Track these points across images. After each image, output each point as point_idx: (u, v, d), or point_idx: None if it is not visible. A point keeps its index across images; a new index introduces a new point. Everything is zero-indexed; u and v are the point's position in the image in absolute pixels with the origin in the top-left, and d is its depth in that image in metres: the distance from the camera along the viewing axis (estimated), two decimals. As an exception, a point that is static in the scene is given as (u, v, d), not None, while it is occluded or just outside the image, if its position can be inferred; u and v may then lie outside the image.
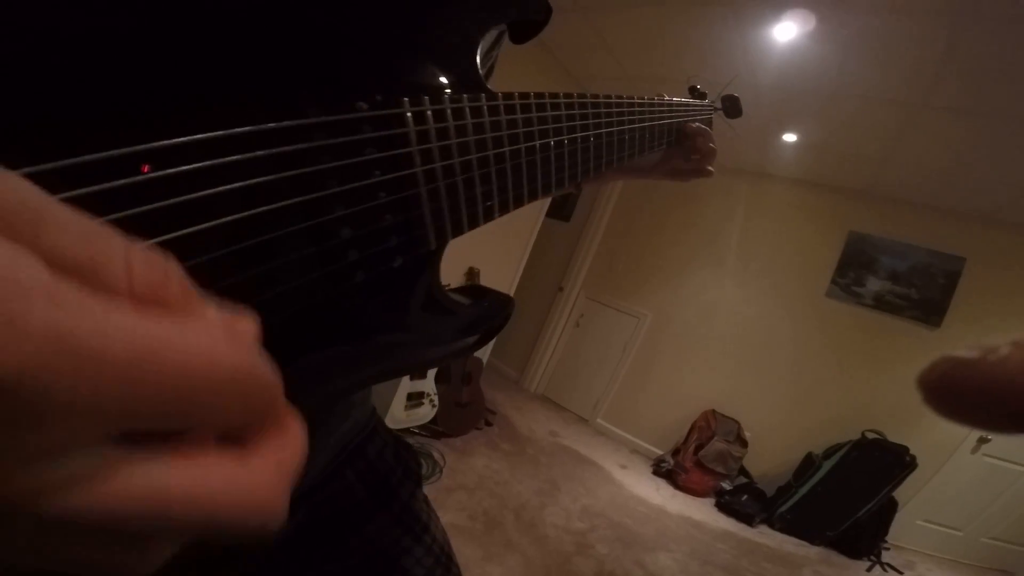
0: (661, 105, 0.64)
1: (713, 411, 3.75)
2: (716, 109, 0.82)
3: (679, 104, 0.69)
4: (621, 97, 0.53)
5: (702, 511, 3.19)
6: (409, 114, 0.29)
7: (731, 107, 0.85)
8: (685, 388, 3.93)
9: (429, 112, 0.30)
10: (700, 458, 3.48)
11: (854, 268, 3.70)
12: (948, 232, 3.41)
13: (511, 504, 2.54)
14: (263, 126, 0.23)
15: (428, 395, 2.74)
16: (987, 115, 2.35)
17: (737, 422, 3.69)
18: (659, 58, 2.81)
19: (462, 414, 3.02)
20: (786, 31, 2.27)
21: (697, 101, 0.74)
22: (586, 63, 3.13)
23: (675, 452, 3.69)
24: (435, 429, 2.86)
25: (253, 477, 0.14)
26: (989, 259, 3.29)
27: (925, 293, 3.47)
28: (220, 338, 0.13)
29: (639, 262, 4.31)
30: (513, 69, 3.02)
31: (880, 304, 3.57)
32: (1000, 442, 3.16)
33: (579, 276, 4.47)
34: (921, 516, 3.28)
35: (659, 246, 4.26)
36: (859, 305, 3.64)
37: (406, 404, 2.63)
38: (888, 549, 3.12)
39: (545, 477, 2.94)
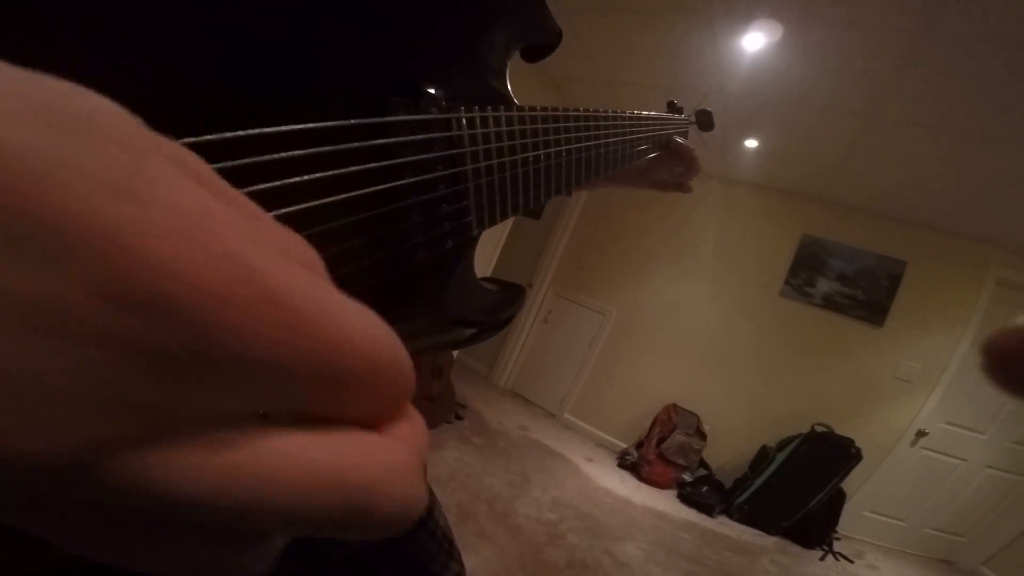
0: (648, 119, 0.68)
1: (674, 405, 3.87)
2: (691, 123, 0.88)
3: (661, 118, 0.73)
4: (616, 111, 0.58)
5: (665, 502, 3.30)
6: (464, 120, 0.33)
7: (704, 121, 0.92)
8: (648, 383, 4.05)
9: (478, 120, 0.34)
10: (662, 451, 3.59)
11: (806, 270, 3.90)
12: (892, 238, 3.64)
13: (483, 496, 2.57)
14: (364, 120, 0.27)
15: (400, 388, 2.73)
16: (935, 128, 2.51)
17: (697, 416, 3.83)
18: (634, 63, 2.89)
19: (432, 408, 3.02)
20: (755, 41, 2.38)
21: (676, 116, 0.79)
22: (564, 64, 3.18)
23: (639, 445, 3.80)
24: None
25: (398, 457, 0.13)
26: (928, 264, 3.53)
27: (870, 294, 3.69)
28: (374, 321, 0.13)
29: (606, 260, 4.41)
30: None
31: (829, 304, 3.78)
32: (937, 435, 3.41)
33: (548, 273, 4.53)
34: (868, 507, 3.48)
35: (625, 244, 4.36)
36: (810, 305, 3.83)
37: (378, 397, 2.62)
38: (839, 539, 3.31)
39: (516, 470, 2.98)
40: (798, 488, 3.28)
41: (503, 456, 3.10)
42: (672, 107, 0.85)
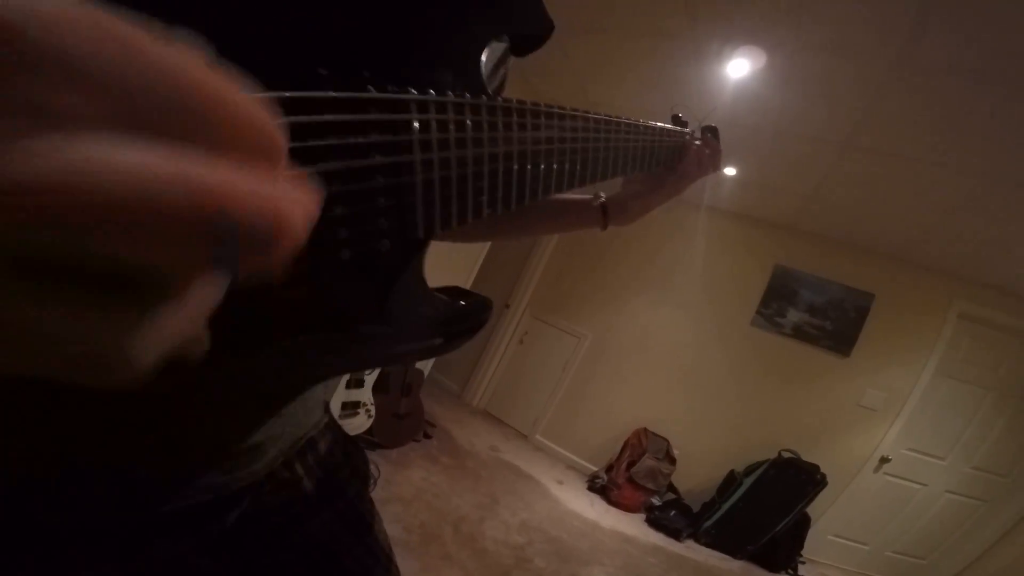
0: (655, 129, 0.67)
1: (645, 429, 3.88)
2: (696, 140, 0.86)
3: (670, 130, 0.72)
4: (620, 117, 0.55)
5: (633, 526, 3.28)
6: (414, 103, 0.29)
7: (711, 137, 0.88)
8: (619, 407, 4.05)
9: (433, 104, 0.30)
10: (632, 475, 3.58)
11: (777, 300, 3.97)
12: (861, 270, 3.74)
13: (450, 517, 2.52)
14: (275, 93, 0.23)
15: (364, 405, 2.68)
16: (904, 158, 2.59)
17: (667, 440, 3.83)
18: (621, 85, 2.93)
19: (400, 425, 2.97)
20: (739, 68, 2.44)
21: (682, 129, 0.77)
22: (552, 83, 3.21)
23: (608, 468, 3.78)
24: (370, 440, 2.79)
25: (270, 187, 0.13)
26: (894, 296, 3.63)
27: (838, 325, 3.77)
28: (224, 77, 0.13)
29: (583, 284, 4.43)
30: None
31: (798, 334, 3.85)
32: (899, 461, 3.47)
33: (526, 294, 4.53)
34: (832, 531, 3.52)
35: (603, 269, 4.40)
36: (780, 334, 3.90)
37: (341, 413, 2.56)
38: (804, 563, 3.33)
39: (485, 491, 2.93)
40: (764, 512, 3.30)
41: (472, 477, 3.05)
42: (677, 121, 0.82)
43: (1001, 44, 1.75)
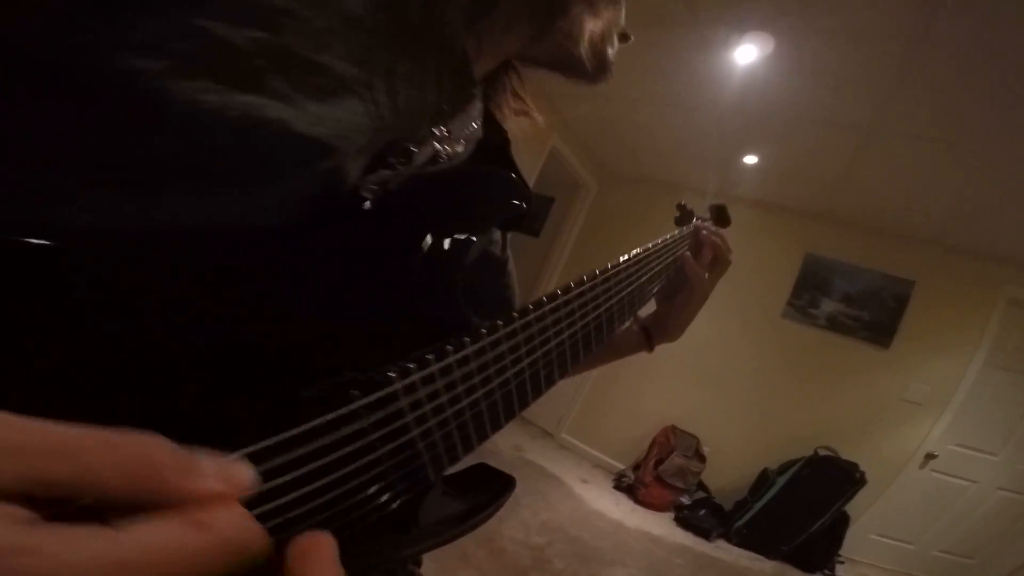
0: (662, 246, 0.65)
1: (673, 427, 3.80)
2: (703, 225, 0.82)
3: (676, 238, 0.70)
4: (606, 271, 0.52)
5: (660, 526, 3.21)
6: (401, 390, 0.30)
7: (719, 216, 0.86)
8: (647, 404, 3.98)
9: (419, 381, 0.31)
10: (660, 473, 3.51)
11: (809, 290, 3.83)
12: (899, 256, 3.56)
13: (469, 517, 2.52)
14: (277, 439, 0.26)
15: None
16: (937, 140, 2.47)
17: (696, 438, 3.75)
18: (627, 78, 2.88)
19: (423, 426, 2.99)
20: (747, 54, 2.36)
21: (675, 235, 0.72)
22: (556, 80, 3.18)
23: (636, 467, 3.72)
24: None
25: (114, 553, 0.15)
26: (937, 283, 3.44)
27: (875, 315, 3.60)
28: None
29: (606, 279, 4.36)
30: None
31: (833, 325, 3.70)
32: (946, 457, 3.29)
33: (546, 291, 4.48)
34: (874, 530, 3.36)
35: (626, 265, 4.33)
36: (813, 326, 3.75)
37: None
38: (842, 563, 3.20)
39: (505, 491, 2.92)
40: (800, 511, 3.19)
41: (493, 476, 3.05)
42: (682, 210, 0.82)
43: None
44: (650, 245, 0.63)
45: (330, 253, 0.33)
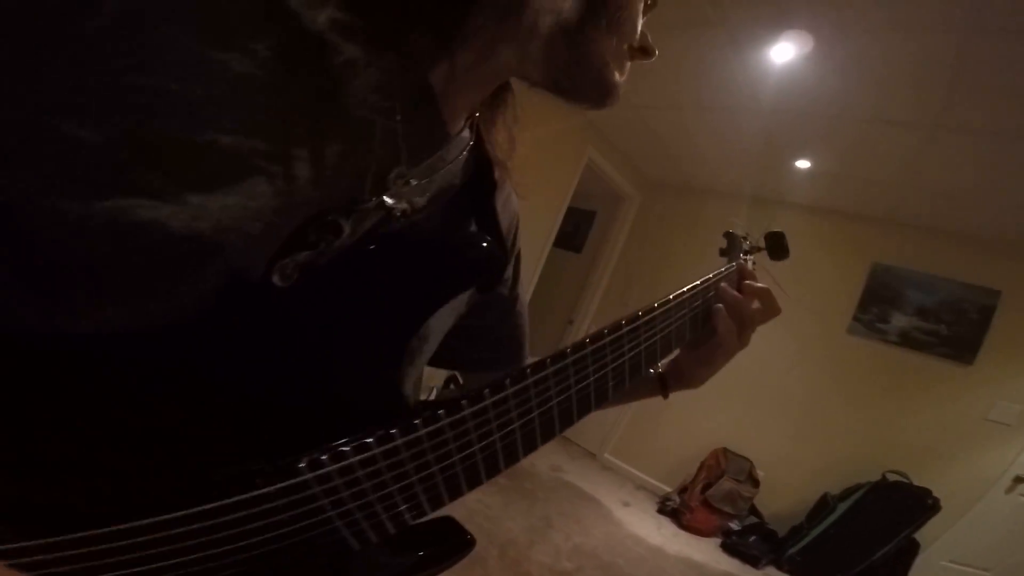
0: (697, 291, 0.58)
1: (724, 449, 3.62)
2: (748, 257, 0.74)
3: (695, 291, 0.59)
4: (609, 333, 0.47)
5: (704, 552, 3.08)
6: (312, 479, 0.32)
7: (775, 246, 0.75)
8: (697, 425, 3.81)
9: (335, 472, 0.32)
10: (707, 497, 3.37)
11: (878, 303, 3.54)
12: (981, 263, 3.23)
13: (498, 540, 2.53)
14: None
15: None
16: (1006, 133, 2.24)
17: (749, 461, 3.56)
18: (657, 83, 2.80)
19: (458, 446, 3.04)
20: (783, 52, 2.24)
21: (710, 277, 0.63)
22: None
23: (682, 490, 3.59)
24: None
25: None
26: (1026, 293, 3.09)
27: (956, 329, 3.28)
28: None
29: (652, 294, 4.20)
30: (524, 109, 3.09)
31: (906, 341, 3.40)
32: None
33: (590, 309, 4.43)
34: (948, 557, 3.05)
35: (672, 277, 4.17)
36: (884, 342, 3.47)
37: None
38: (908, 591, 2.93)
39: (540, 514, 2.91)
40: (861, 539, 2.96)
41: (528, 498, 3.04)
42: (731, 238, 0.74)
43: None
44: (685, 290, 0.57)
45: (243, 346, 0.33)
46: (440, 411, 0.35)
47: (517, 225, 0.60)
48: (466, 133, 0.46)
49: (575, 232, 4.70)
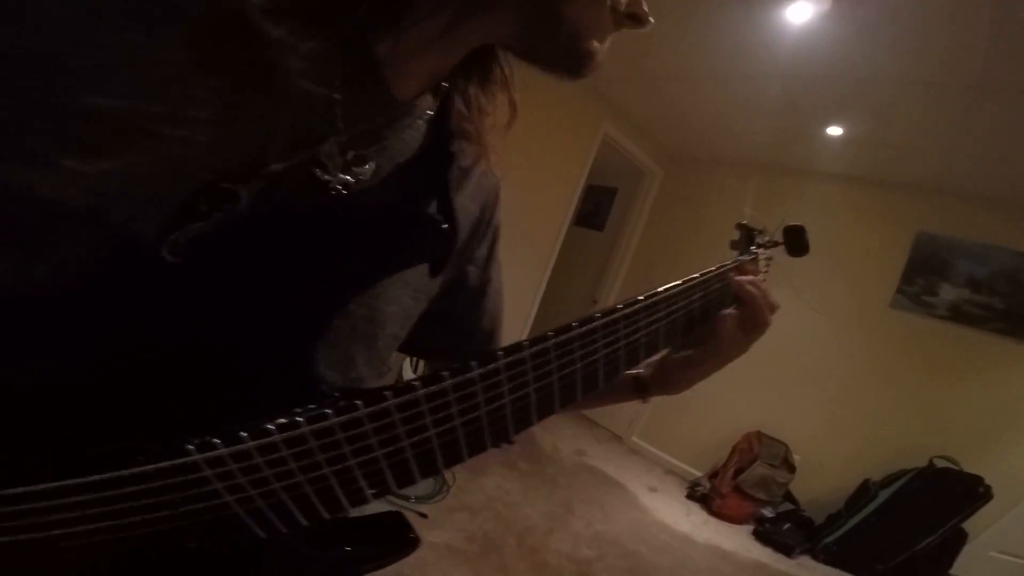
0: (696, 284, 0.52)
1: (758, 433, 3.48)
2: (765, 253, 0.67)
3: (693, 283, 0.52)
4: (638, 299, 0.44)
5: (735, 540, 2.97)
6: (203, 462, 0.30)
7: (795, 242, 0.66)
8: (729, 407, 3.67)
9: (229, 456, 0.30)
10: (739, 483, 3.24)
11: (924, 274, 3.31)
12: (1038, 229, 2.97)
13: (515, 527, 2.49)
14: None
15: (439, 413, 2.76)
16: None
17: (785, 445, 3.40)
18: (671, 52, 2.65)
19: (478, 432, 3.02)
20: (800, 12, 2.07)
21: (713, 270, 0.55)
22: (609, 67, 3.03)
23: (713, 475, 3.47)
24: (447, 447, 2.88)
25: None
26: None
27: (1012, 302, 3.04)
28: None
29: (678, 271, 4.03)
30: (535, 85, 2.99)
31: (957, 315, 3.17)
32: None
33: (614, 287, 4.31)
34: (996, 548, 2.86)
35: (698, 254, 4.00)
36: (931, 316, 3.24)
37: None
38: (954, 581, 2.77)
39: (560, 500, 2.86)
40: (904, 528, 2.81)
41: (548, 484, 2.99)
42: (745, 230, 0.67)
43: None
44: (680, 283, 0.51)
45: (140, 316, 0.32)
46: (358, 401, 0.32)
47: (495, 202, 0.56)
48: (425, 102, 0.43)
49: (596, 210, 4.58)
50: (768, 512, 3.16)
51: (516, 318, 3.43)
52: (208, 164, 0.31)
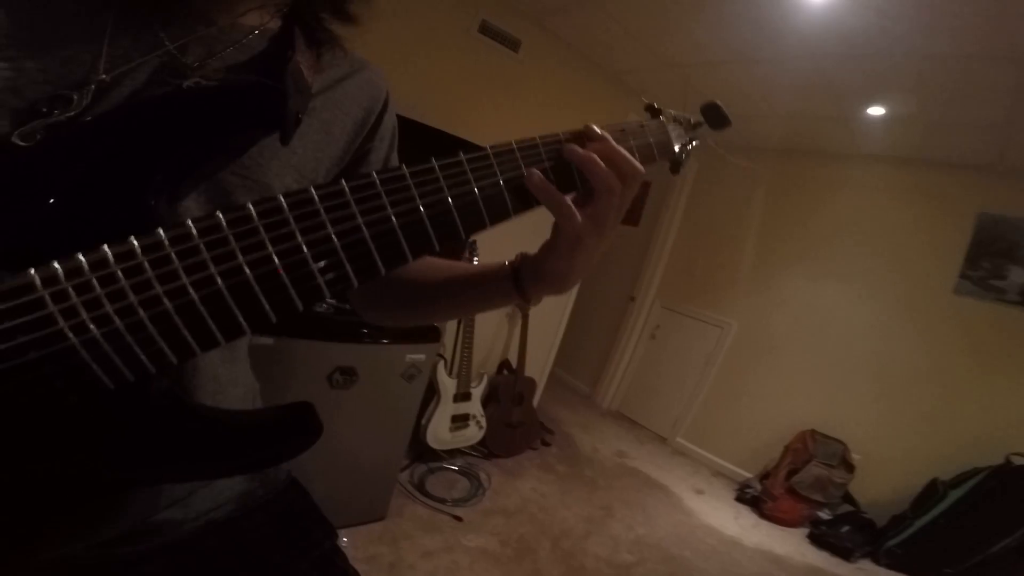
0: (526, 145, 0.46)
1: (813, 431, 3.29)
2: (688, 131, 0.64)
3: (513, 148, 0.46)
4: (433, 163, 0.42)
5: (788, 544, 2.81)
6: (39, 279, 0.31)
7: (714, 116, 0.66)
8: (780, 404, 3.50)
9: (64, 272, 0.31)
10: (793, 484, 3.08)
11: (990, 257, 3.06)
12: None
13: (551, 531, 2.45)
14: None
15: (474, 416, 2.75)
16: None
17: (843, 443, 3.21)
18: (691, 38, 2.56)
19: (514, 435, 2.98)
20: None
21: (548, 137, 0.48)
22: (617, 57, 2.95)
23: (764, 476, 3.31)
24: (482, 450, 2.87)
25: None
26: None
27: (1092, 281, 2.77)
28: None
29: (720, 266, 3.94)
30: (552, 79, 2.97)
31: (1029, 298, 2.92)
32: None
33: (652, 284, 4.20)
34: None
35: (743, 247, 3.86)
36: (1000, 301, 2.99)
37: (451, 425, 2.66)
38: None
39: (599, 502, 2.79)
40: (976, 530, 2.58)
41: (587, 486, 2.93)
42: (652, 111, 0.62)
43: None
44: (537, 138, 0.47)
45: None
46: (189, 221, 0.34)
47: (383, 107, 0.62)
48: (253, 20, 0.51)
49: (631, 205, 4.47)
50: (825, 514, 2.98)
51: (548, 320, 3.39)
52: (42, 79, 0.40)
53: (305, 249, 0.36)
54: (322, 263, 0.37)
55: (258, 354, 0.62)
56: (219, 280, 0.34)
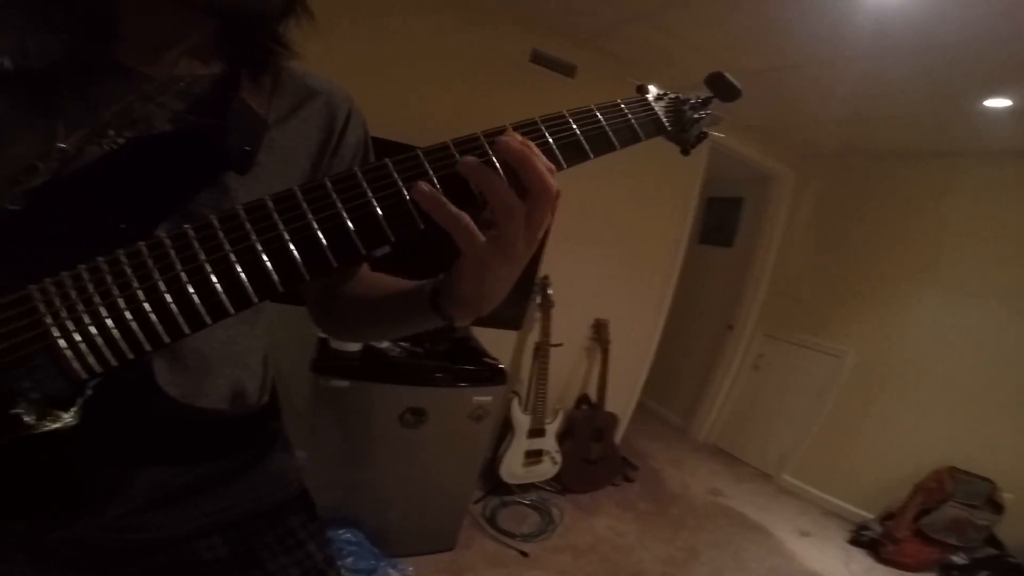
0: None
1: (952, 468, 2.82)
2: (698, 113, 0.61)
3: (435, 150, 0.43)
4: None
5: (912, 595, 2.43)
6: (37, 291, 0.37)
7: (723, 86, 0.61)
8: (909, 438, 3.04)
9: (51, 284, 0.37)
10: (921, 526, 2.67)
11: None
12: None
13: (622, 572, 2.35)
14: None
15: (548, 452, 2.76)
16: None
17: (991, 481, 2.72)
18: (744, 49, 2.43)
19: (592, 471, 2.93)
20: None
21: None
22: (675, 71, 2.82)
23: (887, 517, 2.89)
24: (555, 485, 2.84)
25: None
26: None
27: None
28: None
29: (831, 287, 3.56)
30: (613, 96, 2.97)
31: None
32: None
33: (752, 310, 3.90)
34: None
35: (858, 267, 3.43)
36: None
37: (524, 460, 2.69)
38: None
39: (683, 544, 2.62)
40: None
41: (673, 526, 2.77)
42: (640, 90, 0.60)
43: None
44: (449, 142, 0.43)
45: None
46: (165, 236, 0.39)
47: (343, 123, 0.66)
48: (183, 70, 0.53)
49: (721, 224, 4.21)
50: (960, 558, 2.54)
51: (632, 353, 3.30)
52: (12, 153, 0.43)
53: (259, 247, 0.39)
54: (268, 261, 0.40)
55: (333, 396, 0.71)
56: (184, 278, 0.38)
